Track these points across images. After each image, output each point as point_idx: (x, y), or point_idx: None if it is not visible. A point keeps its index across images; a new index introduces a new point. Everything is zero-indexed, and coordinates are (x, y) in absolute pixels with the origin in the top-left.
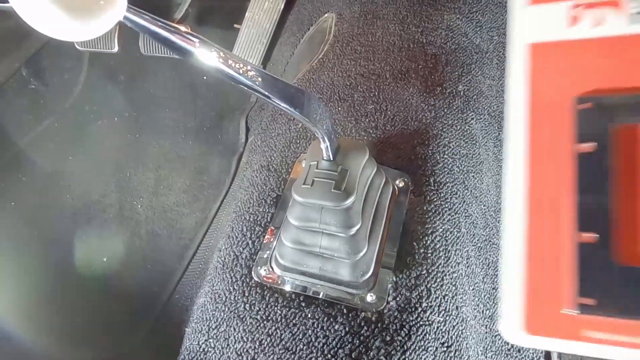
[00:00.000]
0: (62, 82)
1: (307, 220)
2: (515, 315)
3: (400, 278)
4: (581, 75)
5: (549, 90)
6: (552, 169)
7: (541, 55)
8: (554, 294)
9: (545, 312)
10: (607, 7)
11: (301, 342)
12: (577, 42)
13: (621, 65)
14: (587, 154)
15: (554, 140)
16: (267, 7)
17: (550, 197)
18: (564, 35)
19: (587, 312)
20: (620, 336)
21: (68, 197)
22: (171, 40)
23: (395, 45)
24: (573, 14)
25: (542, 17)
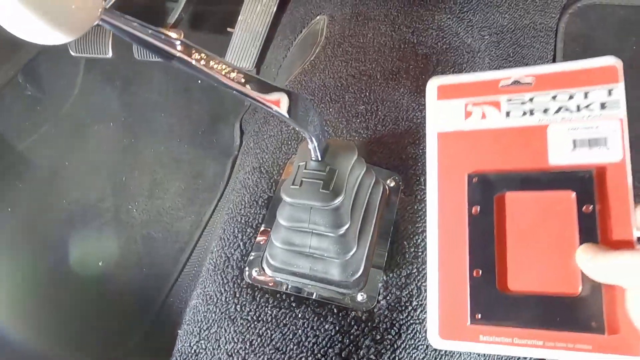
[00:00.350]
0: (59, 88)
1: (296, 220)
2: (434, 326)
3: (390, 277)
4: (472, 157)
5: (451, 167)
6: (454, 225)
7: (445, 141)
8: (458, 311)
9: (453, 324)
10: (490, 105)
11: (291, 342)
12: (470, 132)
13: (498, 150)
14: (476, 215)
15: (455, 204)
16: (260, 10)
17: (453, 244)
18: (461, 126)
19: (477, 323)
20: (502, 338)
21: (64, 202)
22: (152, 43)
23: (387, 45)
24: (467, 109)
25: (446, 110)
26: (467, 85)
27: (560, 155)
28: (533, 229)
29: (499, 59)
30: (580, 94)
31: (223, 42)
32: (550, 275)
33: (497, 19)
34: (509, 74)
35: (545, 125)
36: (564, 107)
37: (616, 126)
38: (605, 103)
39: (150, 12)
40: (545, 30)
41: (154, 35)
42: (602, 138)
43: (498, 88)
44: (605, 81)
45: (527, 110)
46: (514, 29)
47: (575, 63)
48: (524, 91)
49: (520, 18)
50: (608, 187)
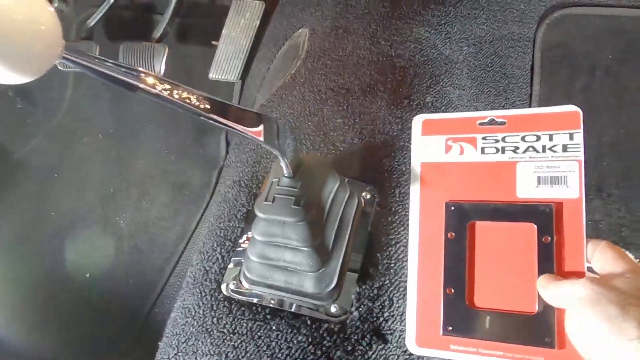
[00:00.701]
0: (48, 102)
1: (270, 235)
2: (412, 335)
3: (363, 289)
4: (451, 187)
5: (432, 194)
6: (432, 247)
7: (428, 171)
8: (432, 323)
9: (428, 334)
10: (467, 142)
11: (265, 354)
12: (449, 164)
13: (474, 182)
14: (451, 239)
15: (433, 229)
16: (243, 24)
17: (431, 264)
18: (442, 158)
19: (449, 334)
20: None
21: (54, 214)
22: (114, 76)
23: (365, 59)
24: (448, 144)
25: (429, 144)
26: (449, 121)
27: (526, 190)
28: (499, 254)
29: (477, 69)
30: (546, 136)
31: (208, 55)
32: (512, 295)
33: (475, 30)
34: (486, 114)
35: (515, 162)
36: (531, 147)
37: (575, 167)
38: (567, 145)
39: (136, 26)
40: (523, 41)
41: (115, 69)
42: (563, 176)
43: (475, 126)
44: (568, 127)
45: (499, 148)
46: (492, 40)
47: (544, 109)
48: (498, 132)
49: (498, 29)
50: (565, 221)
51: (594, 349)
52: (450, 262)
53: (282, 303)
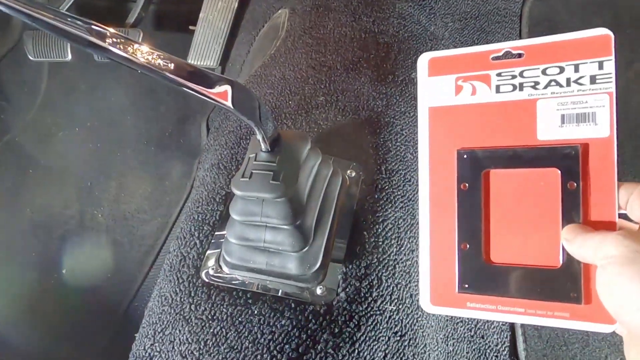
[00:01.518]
0: (23, 96)
1: (248, 214)
2: (426, 294)
3: (350, 268)
4: (462, 133)
5: (441, 143)
6: (444, 200)
7: (436, 116)
8: (447, 280)
9: (443, 292)
10: (480, 80)
11: (247, 339)
12: (460, 107)
13: (488, 125)
14: (464, 190)
15: (445, 179)
16: (221, 7)
17: (443, 218)
18: (451, 101)
19: (465, 292)
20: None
21: (28, 210)
22: (56, 26)
23: (347, 36)
24: (458, 84)
25: (437, 86)
26: (459, 58)
27: (549, 131)
28: (518, 205)
29: (463, 46)
30: (571, 67)
31: (186, 40)
32: (533, 249)
33: (460, 5)
34: (501, 47)
35: (535, 100)
36: (553, 80)
37: (605, 101)
38: (596, 76)
39: (110, 12)
40: (510, 16)
41: (60, 19)
42: (591, 113)
43: (489, 61)
44: (597, 54)
45: (516, 85)
46: (478, 15)
47: (568, 35)
48: (514, 65)
49: (483, 4)
50: (593, 163)
51: (626, 311)
52: (464, 215)
53: (265, 287)
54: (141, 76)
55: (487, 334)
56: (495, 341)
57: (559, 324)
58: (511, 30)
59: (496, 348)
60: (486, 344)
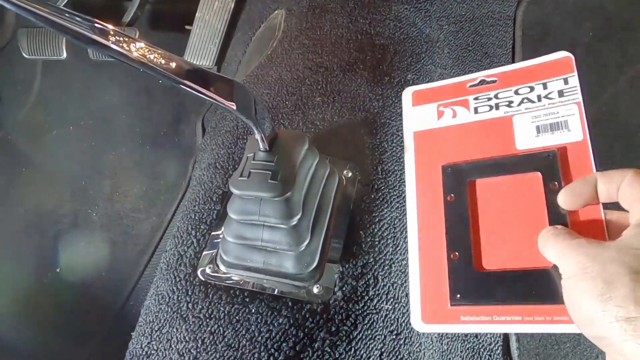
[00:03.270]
0: (15, 94)
1: (246, 213)
2: (417, 312)
3: (346, 267)
4: (446, 151)
5: (427, 161)
6: (432, 212)
7: (421, 139)
8: (439, 295)
9: (435, 308)
10: (459, 105)
11: (244, 338)
12: (442, 129)
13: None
14: (451, 201)
15: (432, 193)
16: (217, 6)
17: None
18: (434, 124)
19: (458, 303)
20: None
21: (21, 209)
22: (60, 24)
23: (344, 37)
24: (439, 110)
25: (421, 113)
26: (439, 89)
27: (526, 141)
28: (504, 210)
29: (458, 49)
30: (540, 85)
31: (182, 40)
32: (523, 252)
33: (455, 8)
34: (475, 76)
35: (511, 116)
36: (526, 98)
37: (575, 109)
38: (563, 90)
39: (106, 11)
40: (504, 19)
41: (64, 16)
42: (563, 121)
43: (466, 89)
44: (561, 73)
45: (493, 105)
46: (473, 18)
47: (533, 60)
48: (489, 90)
49: (478, 7)
50: (572, 164)
51: (583, 325)
52: (453, 225)
53: (262, 286)
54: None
55: (480, 333)
56: (489, 340)
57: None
58: (505, 33)
59: (489, 347)
60: (480, 343)
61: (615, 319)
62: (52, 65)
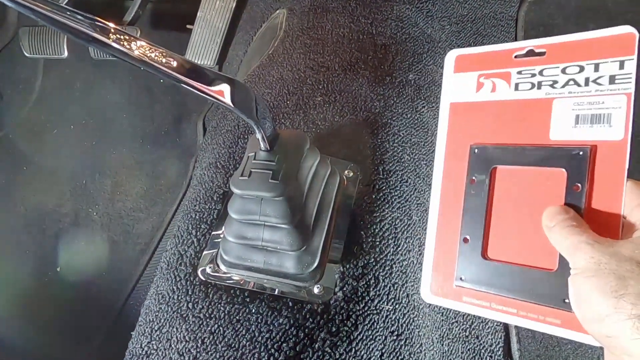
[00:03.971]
0: (17, 93)
1: (247, 213)
2: (427, 285)
3: (347, 268)
4: (478, 129)
5: (457, 137)
6: (454, 191)
7: (456, 112)
8: (447, 272)
9: (442, 283)
10: (500, 78)
11: (244, 338)
12: (479, 104)
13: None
14: (473, 184)
15: (456, 173)
16: (219, 6)
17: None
18: (471, 97)
19: (461, 285)
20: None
21: (22, 208)
22: (63, 23)
23: (345, 37)
24: (480, 81)
25: (460, 83)
26: (483, 55)
27: (562, 131)
28: (521, 203)
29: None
30: (591, 66)
31: (183, 39)
32: (530, 249)
33: (457, 9)
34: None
35: (552, 99)
36: (572, 80)
37: (623, 102)
38: (615, 77)
39: (107, 10)
40: (506, 20)
41: (66, 15)
42: (606, 114)
43: (511, 59)
44: (618, 53)
45: (535, 83)
46: (475, 19)
47: (592, 33)
48: (535, 64)
49: (480, 8)
50: (602, 166)
51: (591, 322)
52: (470, 209)
53: (262, 286)
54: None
55: (481, 335)
56: (490, 341)
57: (549, 330)
58: (507, 34)
59: (490, 348)
60: (481, 344)
61: (627, 317)
62: (54, 64)
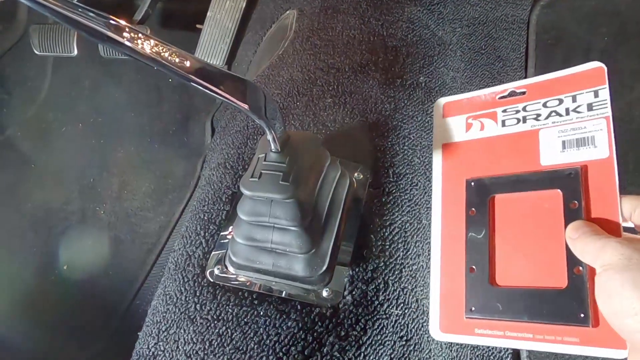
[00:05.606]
0: (26, 90)
1: (256, 214)
2: (435, 321)
3: (356, 271)
4: (472, 164)
5: (452, 174)
6: (455, 224)
7: (448, 151)
8: (456, 306)
9: (452, 318)
10: (487, 117)
11: (252, 340)
12: (470, 142)
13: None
14: (472, 216)
15: (455, 206)
16: (229, 6)
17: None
18: (462, 137)
19: (472, 316)
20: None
21: (29, 205)
22: (76, 20)
23: (356, 38)
24: (468, 122)
25: (450, 126)
26: (469, 100)
27: (551, 157)
28: (522, 227)
29: (471, 52)
30: (569, 98)
31: (192, 39)
32: (538, 270)
33: (469, 11)
34: (505, 87)
35: (537, 130)
36: (554, 111)
37: (603, 125)
38: (592, 104)
39: (117, 8)
40: (517, 23)
41: (79, 12)
42: (590, 137)
43: (495, 100)
44: (592, 84)
45: (520, 118)
46: (486, 22)
47: (565, 71)
48: (518, 102)
49: (491, 10)
50: (594, 183)
51: (622, 318)
52: (472, 239)
53: (271, 288)
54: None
55: None
56: (499, 348)
57: (568, 350)
58: (518, 37)
59: (499, 355)
60: (490, 351)
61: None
62: (63, 62)
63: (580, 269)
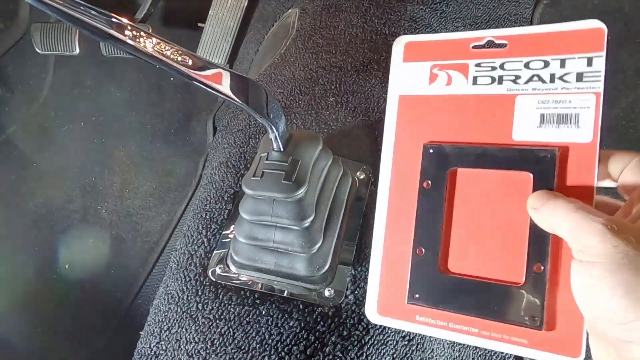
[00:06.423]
0: (28, 89)
1: (258, 213)
2: (373, 302)
3: (359, 271)
4: (432, 126)
5: (408, 135)
6: (405, 197)
7: (406, 106)
8: (398, 289)
9: (392, 302)
10: (456, 70)
11: (254, 340)
12: (432, 97)
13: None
14: (427, 189)
15: (407, 176)
16: (231, 4)
17: (401, 218)
18: (424, 90)
19: (415, 303)
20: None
21: (31, 204)
22: (80, 19)
23: (358, 37)
24: (433, 72)
25: (410, 73)
26: (437, 44)
27: (525, 131)
28: (483, 210)
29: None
30: (557, 61)
31: (194, 37)
32: (494, 261)
33: (471, 9)
34: (483, 34)
35: (514, 95)
36: (536, 75)
37: (591, 102)
38: (583, 74)
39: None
40: (520, 21)
41: (83, 11)
42: (574, 114)
43: (469, 50)
44: (586, 49)
45: (495, 77)
46: (489, 20)
47: (557, 25)
48: (496, 56)
49: (494, 9)
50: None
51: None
52: (423, 217)
53: (272, 287)
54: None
55: None
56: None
57: (513, 351)
58: None
59: (502, 354)
60: (492, 350)
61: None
62: (64, 61)
63: (541, 268)
